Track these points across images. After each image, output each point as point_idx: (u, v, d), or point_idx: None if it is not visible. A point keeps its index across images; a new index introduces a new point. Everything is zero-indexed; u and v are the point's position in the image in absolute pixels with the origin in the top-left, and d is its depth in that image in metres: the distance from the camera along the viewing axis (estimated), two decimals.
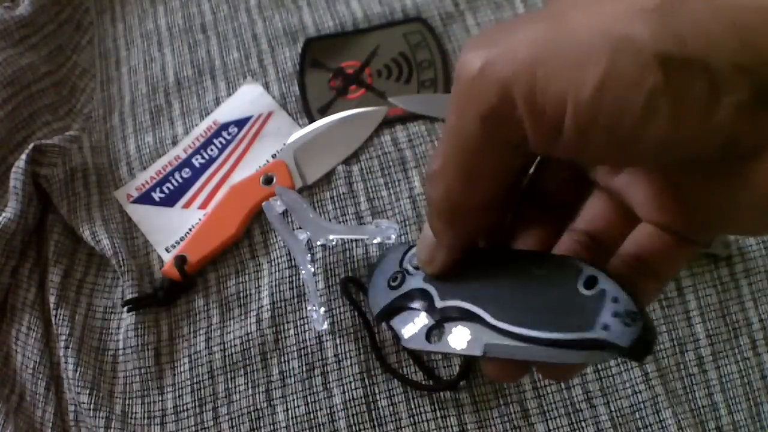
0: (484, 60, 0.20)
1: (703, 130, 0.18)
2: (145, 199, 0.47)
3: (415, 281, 0.29)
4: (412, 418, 0.38)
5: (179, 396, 0.41)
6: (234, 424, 0.40)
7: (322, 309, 0.41)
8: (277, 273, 0.43)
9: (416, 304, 0.28)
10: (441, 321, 0.27)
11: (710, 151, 0.19)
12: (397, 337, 0.29)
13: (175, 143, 0.48)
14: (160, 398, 0.41)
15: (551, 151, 0.21)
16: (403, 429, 0.38)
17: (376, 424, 0.39)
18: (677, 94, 0.18)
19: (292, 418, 0.39)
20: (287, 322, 0.41)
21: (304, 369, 0.40)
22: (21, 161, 0.44)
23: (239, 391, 0.40)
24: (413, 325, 0.29)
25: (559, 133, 0.20)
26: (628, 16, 0.18)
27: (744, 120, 0.18)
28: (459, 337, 0.26)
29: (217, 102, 0.49)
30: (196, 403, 0.41)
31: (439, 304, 0.27)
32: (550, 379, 0.28)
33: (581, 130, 0.19)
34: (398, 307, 0.29)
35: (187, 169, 0.47)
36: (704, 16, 0.17)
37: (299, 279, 0.42)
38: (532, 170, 0.27)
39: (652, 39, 0.17)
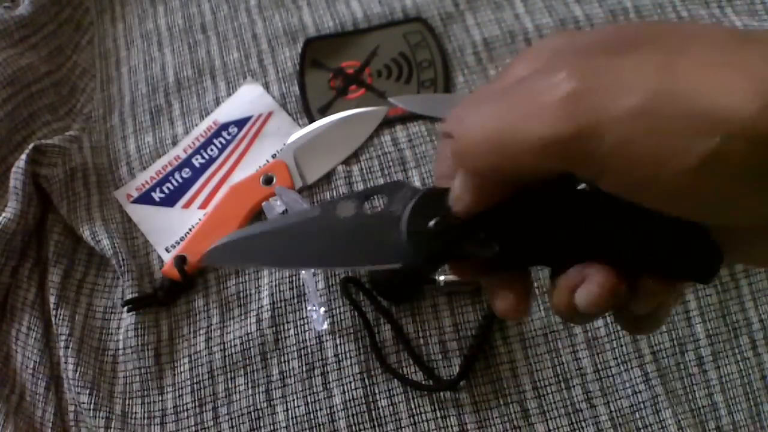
0: (580, 87, 0.19)
1: None
2: (145, 199, 0.47)
3: (465, 223, 0.25)
4: (412, 418, 0.38)
5: (179, 396, 0.41)
6: (234, 424, 0.40)
7: (322, 309, 0.41)
8: (277, 273, 0.43)
9: (470, 246, 0.25)
10: (502, 266, 0.25)
11: None
12: (399, 336, 0.28)
13: (175, 143, 0.48)
14: (160, 398, 0.41)
15: (625, 196, 0.20)
16: (403, 429, 0.38)
17: (376, 424, 0.39)
18: None
19: (292, 418, 0.39)
20: (287, 322, 0.41)
21: (304, 369, 0.40)
22: (21, 161, 0.44)
23: (239, 391, 0.40)
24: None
25: (644, 187, 0.19)
26: (750, 91, 0.17)
27: None
28: None
29: (217, 102, 0.49)
30: (196, 403, 0.41)
31: (495, 247, 0.25)
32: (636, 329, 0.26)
33: (670, 193, 0.18)
34: (448, 250, 0.26)
35: (187, 169, 0.47)
36: None
37: (299, 279, 0.42)
38: None
39: None
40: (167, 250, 0.45)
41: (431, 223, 0.26)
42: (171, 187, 0.47)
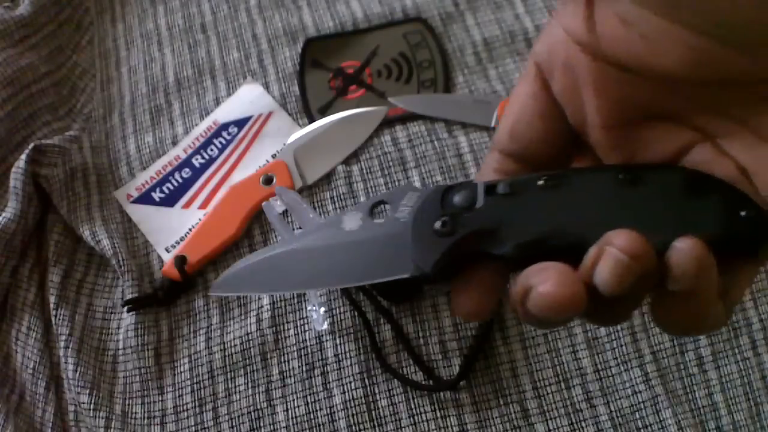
0: None
1: None
2: (145, 199, 0.47)
3: (474, 220, 0.24)
4: (412, 418, 0.38)
5: (179, 396, 0.41)
6: (234, 424, 0.40)
7: (322, 309, 0.41)
8: None
9: (481, 247, 0.24)
10: (517, 265, 0.23)
11: None
12: (399, 336, 0.27)
13: (175, 143, 0.48)
14: (160, 398, 0.41)
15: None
16: (403, 429, 0.38)
17: (376, 424, 0.39)
18: None
19: (292, 418, 0.39)
20: (287, 322, 0.41)
21: (304, 369, 0.40)
22: (21, 161, 0.44)
23: (239, 391, 0.40)
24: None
25: None
26: None
27: None
28: None
29: (217, 102, 0.50)
30: (196, 403, 0.41)
31: (510, 243, 0.23)
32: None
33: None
34: (457, 251, 0.24)
35: (187, 169, 0.47)
36: None
37: None
38: None
39: None
40: (167, 250, 0.45)
41: (437, 224, 0.24)
42: (171, 187, 0.47)
